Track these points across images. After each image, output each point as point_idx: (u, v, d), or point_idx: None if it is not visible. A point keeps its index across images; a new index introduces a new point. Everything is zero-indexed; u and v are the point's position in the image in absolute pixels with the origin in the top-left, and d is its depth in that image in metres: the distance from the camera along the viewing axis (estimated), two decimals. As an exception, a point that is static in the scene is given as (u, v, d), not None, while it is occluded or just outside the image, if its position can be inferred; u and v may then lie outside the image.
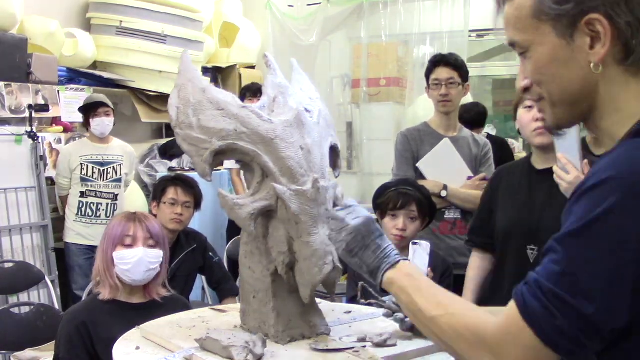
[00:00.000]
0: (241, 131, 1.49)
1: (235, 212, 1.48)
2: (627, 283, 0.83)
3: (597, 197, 0.85)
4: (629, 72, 0.95)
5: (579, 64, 0.95)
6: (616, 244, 0.84)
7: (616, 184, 0.85)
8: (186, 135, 1.51)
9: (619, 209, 0.84)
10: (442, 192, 2.87)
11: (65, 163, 4.15)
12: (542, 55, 0.98)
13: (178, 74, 1.59)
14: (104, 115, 4.12)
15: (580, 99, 0.98)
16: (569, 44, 0.95)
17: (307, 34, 5.88)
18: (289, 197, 1.43)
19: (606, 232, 0.84)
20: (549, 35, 0.97)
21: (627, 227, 0.83)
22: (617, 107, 0.96)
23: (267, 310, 1.55)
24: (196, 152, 1.51)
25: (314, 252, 1.42)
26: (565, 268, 0.86)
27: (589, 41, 0.94)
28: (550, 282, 0.86)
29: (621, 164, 0.87)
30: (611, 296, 0.84)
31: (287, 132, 1.51)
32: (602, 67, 0.94)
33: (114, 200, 4.22)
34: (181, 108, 1.53)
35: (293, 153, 1.49)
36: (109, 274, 2.01)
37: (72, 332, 1.95)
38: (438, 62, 3.01)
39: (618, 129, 0.96)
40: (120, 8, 4.82)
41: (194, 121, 1.51)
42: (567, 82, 0.98)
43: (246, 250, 1.60)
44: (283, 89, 1.65)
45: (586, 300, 0.84)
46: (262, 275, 1.56)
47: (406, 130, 3.13)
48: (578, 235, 0.86)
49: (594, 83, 0.96)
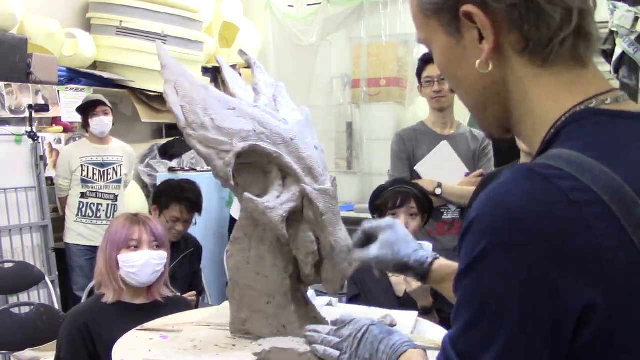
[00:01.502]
0: (260, 131, 1.42)
1: (267, 216, 1.41)
2: (513, 346, 0.71)
3: (468, 241, 0.74)
4: (536, 64, 0.79)
5: (473, 62, 0.81)
6: (489, 303, 0.72)
7: (480, 231, 0.72)
8: (201, 136, 1.38)
9: (485, 265, 0.71)
10: (436, 190, 2.86)
11: (65, 164, 4.15)
12: (438, 54, 0.87)
13: (164, 68, 1.42)
14: (102, 114, 4.13)
15: (488, 102, 0.84)
16: (458, 41, 0.82)
17: (307, 34, 5.88)
18: (316, 197, 1.42)
19: (476, 289, 0.73)
20: (438, 32, 0.84)
21: (494, 288, 0.71)
22: (529, 107, 0.81)
23: (288, 313, 1.51)
24: (216, 155, 1.39)
25: (343, 248, 1.44)
26: (460, 325, 0.75)
27: (477, 34, 0.79)
28: (450, 345, 0.77)
29: (491, 203, 0.72)
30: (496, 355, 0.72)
31: (303, 132, 1.48)
32: (499, 63, 0.80)
33: (114, 201, 4.23)
34: (186, 107, 1.39)
35: (312, 152, 1.47)
36: (113, 277, 2.01)
37: (73, 333, 1.95)
38: (428, 59, 3.02)
39: (534, 135, 0.82)
40: (120, 8, 4.82)
41: (206, 121, 1.39)
42: (468, 85, 0.84)
43: (249, 256, 1.53)
44: (278, 88, 1.62)
45: (471, 358, 0.74)
46: (280, 278, 1.50)
47: (402, 131, 3.13)
48: (462, 284, 0.75)
49: (499, 82, 0.81)
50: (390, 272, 1.43)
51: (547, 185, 0.70)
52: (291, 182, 1.45)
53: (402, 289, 2.49)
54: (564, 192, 0.69)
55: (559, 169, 0.71)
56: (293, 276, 1.52)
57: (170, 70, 1.42)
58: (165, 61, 1.42)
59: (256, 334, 1.53)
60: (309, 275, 1.49)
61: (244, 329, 1.55)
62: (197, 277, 3.33)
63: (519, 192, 0.71)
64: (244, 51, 1.67)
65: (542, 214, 0.69)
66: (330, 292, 1.52)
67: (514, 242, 0.69)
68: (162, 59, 1.43)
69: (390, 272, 1.44)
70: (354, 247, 1.44)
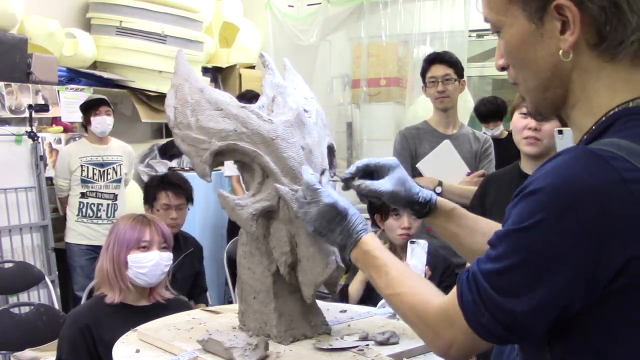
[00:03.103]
0: (241, 131, 1.49)
1: (237, 213, 1.47)
2: (555, 291, 0.84)
3: (530, 205, 0.85)
4: (602, 59, 0.89)
5: (549, 49, 0.91)
6: (542, 256, 0.84)
7: (547, 198, 0.84)
8: (185, 135, 1.50)
9: (546, 225, 0.83)
10: (436, 188, 2.86)
11: (65, 164, 4.15)
12: (512, 37, 0.94)
13: (174, 74, 1.57)
14: (105, 114, 4.13)
15: (552, 86, 0.94)
16: (538, 28, 0.91)
17: (307, 34, 5.88)
18: (291, 197, 1.43)
19: (534, 243, 0.85)
20: (519, 17, 0.92)
21: (554, 243, 0.83)
22: (587, 96, 0.92)
23: (268, 310, 1.54)
24: (195, 152, 1.49)
25: (317, 252, 1.42)
26: (499, 267, 0.87)
27: (560, 26, 0.89)
28: (484, 279, 0.89)
29: (558, 176, 0.85)
30: (537, 300, 0.85)
31: (288, 132, 1.50)
32: (573, 54, 0.89)
33: (114, 201, 4.23)
34: (179, 108, 1.52)
35: (294, 153, 1.48)
36: (121, 277, 2.01)
37: (75, 334, 1.95)
38: (433, 60, 3.03)
39: (584, 121, 0.93)
40: (120, 8, 4.82)
41: (192, 121, 1.50)
42: (537, 68, 0.93)
43: (245, 251, 1.59)
44: (282, 89, 1.65)
45: (512, 300, 0.86)
46: (263, 275, 1.55)
47: (405, 129, 3.13)
48: (512, 238, 0.87)
49: (567, 70, 0.91)
50: (400, 207, 1.43)
51: (605, 164, 0.83)
52: (271, 181, 1.48)
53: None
54: (617, 170, 0.82)
55: (613, 152, 0.84)
56: (278, 274, 1.52)
57: (177, 75, 1.56)
58: (178, 67, 1.57)
59: (247, 327, 1.59)
60: (285, 276, 1.50)
61: (242, 320, 1.62)
62: (200, 276, 3.34)
63: (583, 170, 0.83)
64: (263, 54, 1.79)
65: (599, 187, 0.82)
66: (304, 296, 1.48)
67: (573, 207, 0.82)
68: (176, 65, 1.58)
69: (399, 207, 1.43)
70: (357, 179, 1.41)
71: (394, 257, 1.18)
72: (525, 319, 0.86)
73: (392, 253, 1.21)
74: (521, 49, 0.94)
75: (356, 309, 1.85)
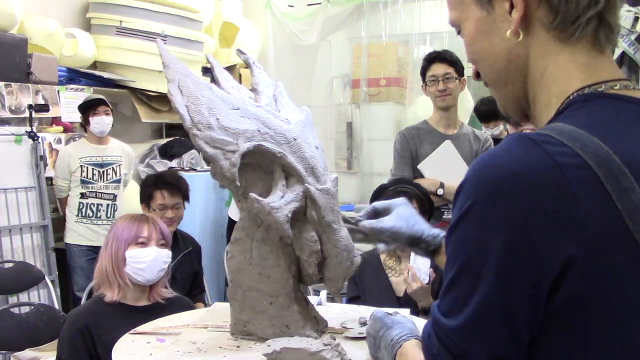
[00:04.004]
0: (264, 132, 1.42)
1: (273, 217, 1.40)
2: (489, 297, 0.74)
3: (459, 199, 0.79)
4: (560, 39, 0.82)
5: (502, 34, 0.85)
6: (472, 255, 0.76)
7: (471, 186, 0.77)
8: (207, 137, 1.37)
9: (470, 217, 0.76)
10: (438, 190, 2.86)
11: (64, 165, 4.15)
12: (468, 30, 0.90)
13: (166, 67, 1.40)
14: (103, 114, 4.13)
15: (510, 77, 0.87)
16: (489, 14, 0.86)
17: (307, 34, 5.87)
18: (319, 197, 1.42)
19: (464, 242, 0.77)
20: (472, 7, 0.88)
21: (478, 238, 0.75)
22: (545, 85, 0.84)
23: (291, 313, 1.50)
24: (222, 155, 1.37)
25: (345, 247, 1.45)
26: (446, 284, 0.80)
27: (508, 7, 0.83)
28: (437, 308, 0.82)
29: (484, 163, 0.77)
30: (471, 311, 0.75)
31: (305, 132, 1.49)
32: (526, 35, 0.83)
33: (113, 201, 4.23)
34: (192, 106, 1.37)
35: (313, 152, 1.48)
36: (119, 274, 2.01)
37: (75, 335, 1.94)
38: (433, 59, 3.03)
39: (545, 114, 0.85)
40: (120, 8, 4.81)
41: (212, 121, 1.37)
42: (493, 58, 0.87)
43: (250, 256, 1.51)
44: (278, 87, 1.61)
45: (453, 319, 0.77)
46: (283, 278, 1.49)
47: (405, 130, 3.13)
48: (450, 243, 0.80)
49: (522, 56, 0.85)
50: (403, 245, 1.41)
51: (535, 148, 0.74)
52: (294, 182, 1.45)
53: (402, 289, 2.49)
54: (550, 155, 0.73)
55: (550, 136, 0.76)
56: (296, 276, 1.52)
57: (173, 69, 1.40)
58: (167, 60, 1.40)
59: (259, 335, 1.52)
60: (313, 275, 1.49)
61: (246, 330, 1.54)
62: (198, 276, 3.34)
63: (508, 154, 0.76)
64: (242, 50, 1.66)
65: (527, 173, 0.73)
66: (332, 291, 1.53)
67: (499, 197, 0.73)
68: (164, 59, 1.40)
69: (402, 245, 1.41)
70: (364, 220, 1.43)
71: None
72: (461, 338, 0.76)
73: None
74: (477, 39, 0.88)
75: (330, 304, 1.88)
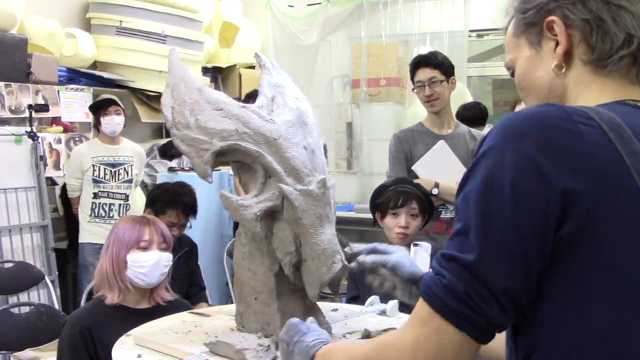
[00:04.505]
0: (243, 131, 1.48)
1: (240, 214, 1.46)
2: (507, 231, 0.82)
3: (480, 151, 0.89)
4: (594, 72, 0.95)
5: (547, 68, 0.97)
6: (487, 189, 0.84)
7: (495, 133, 0.87)
8: (184, 135, 1.49)
9: (490, 155, 0.86)
10: (433, 190, 2.85)
11: (77, 164, 4.15)
12: (520, 68, 1.02)
13: (169, 74, 1.56)
14: (114, 113, 4.13)
15: (550, 102, 0.97)
16: (538, 52, 0.98)
17: (307, 34, 5.87)
18: (295, 197, 1.43)
19: (481, 178, 0.86)
20: (524, 47, 1.00)
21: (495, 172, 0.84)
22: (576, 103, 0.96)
23: (271, 311, 1.53)
24: (196, 153, 1.48)
25: (323, 251, 1.42)
26: (459, 227, 0.87)
27: (554, 45, 0.96)
28: (444, 253, 0.87)
29: (507, 118, 0.88)
30: (490, 246, 0.82)
31: (290, 132, 1.50)
32: (566, 68, 0.96)
33: (126, 201, 4.24)
34: (176, 108, 1.50)
35: (297, 153, 1.48)
36: (120, 277, 2.00)
37: (75, 337, 1.93)
38: (418, 63, 3.00)
39: None
40: (120, 8, 4.82)
41: (191, 121, 1.48)
42: (537, 89, 0.99)
43: (244, 251, 1.58)
44: (281, 88, 1.64)
45: (468, 251, 0.84)
46: (265, 276, 1.54)
47: (399, 132, 3.12)
48: (463, 188, 0.89)
49: (562, 86, 0.97)
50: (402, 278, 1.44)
51: (554, 106, 0.88)
52: (274, 181, 1.48)
53: (402, 289, 2.48)
54: (567, 112, 0.86)
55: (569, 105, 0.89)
56: (280, 274, 1.52)
57: (172, 74, 1.54)
58: (172, 67, 1.55)
59: (246, 328, 1.57)
60: (289, 276, 1.49)
61: (241, 322, 1.60)
62: (196, 275, 3.34)
63: (529, 109, 0.88)
64: (258, 54, 1.78)
65: (543, 117, 0.85)
66: (309, 295, 1.48)
67: (515, 136, 0.84)
68: (170, 65, 1.56)
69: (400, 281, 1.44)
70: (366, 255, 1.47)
71: None
72: (478, 268, 0.82)
73: None
74: (527, 73, 1.00)
75: (349, 308, 1.86)
